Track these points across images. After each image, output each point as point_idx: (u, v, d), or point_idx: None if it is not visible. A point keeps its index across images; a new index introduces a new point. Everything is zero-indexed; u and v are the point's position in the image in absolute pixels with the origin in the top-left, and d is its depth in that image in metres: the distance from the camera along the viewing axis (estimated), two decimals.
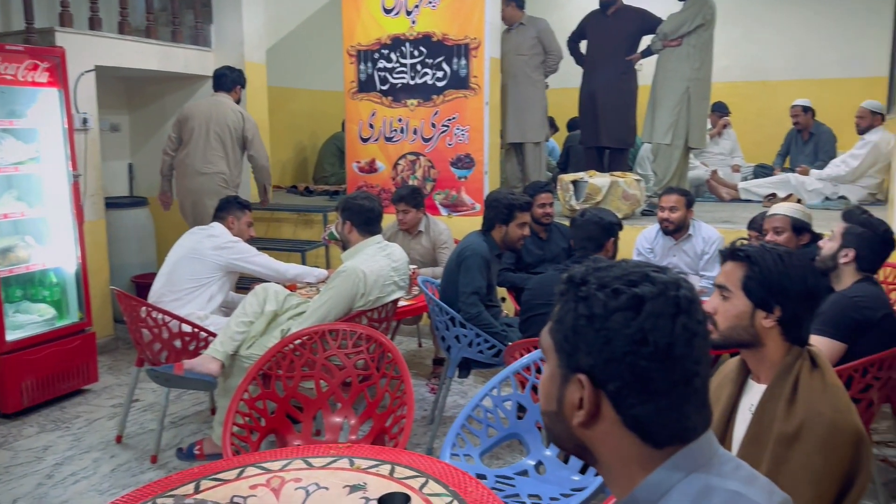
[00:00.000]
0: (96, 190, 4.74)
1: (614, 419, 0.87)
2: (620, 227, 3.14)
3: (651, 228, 4.02)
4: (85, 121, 4.58)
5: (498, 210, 3.34)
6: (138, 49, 5.02)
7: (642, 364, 0.84)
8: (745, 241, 1.69)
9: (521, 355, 2.52)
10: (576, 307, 0.88)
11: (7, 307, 3.78)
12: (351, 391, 2.53)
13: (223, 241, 3.62)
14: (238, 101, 4.82)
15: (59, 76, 3.95)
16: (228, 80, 4.78)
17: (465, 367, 3.37)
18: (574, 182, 5.00)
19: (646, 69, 5.86)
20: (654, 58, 5.25)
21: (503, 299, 4.26)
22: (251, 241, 3.81)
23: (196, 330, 3.31)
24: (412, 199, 4.20)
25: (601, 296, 0.86)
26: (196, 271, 3.56)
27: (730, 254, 1.63)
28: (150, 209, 5.81)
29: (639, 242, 4.02)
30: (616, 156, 5.70)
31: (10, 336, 3.72)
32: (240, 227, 3.74)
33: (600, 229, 2.97)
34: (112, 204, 5.28)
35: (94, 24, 4.78)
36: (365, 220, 3.22)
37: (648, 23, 5.41)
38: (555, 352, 0.91)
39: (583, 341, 0.87)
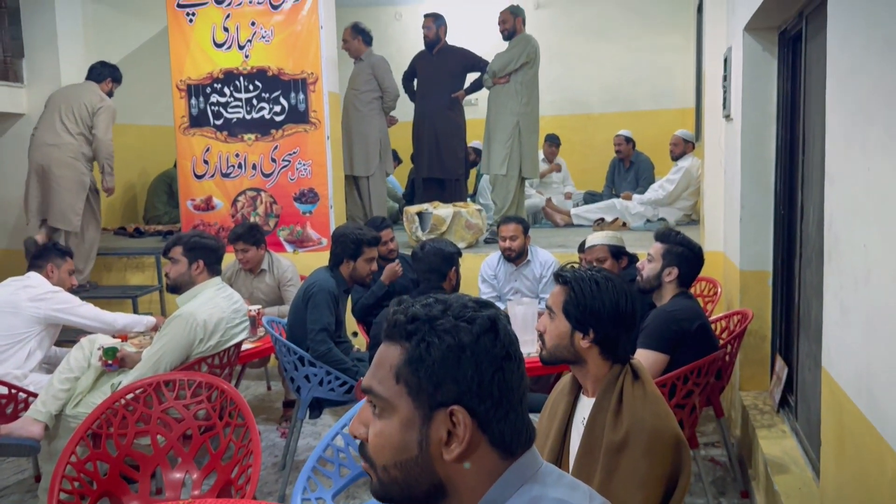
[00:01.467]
0: None
1: (481, 440, 0.90)
2: (460, 254, 3.23)
3: (493, 256, 4.18)
4: None
5: (345, 245, 3.32)
6: None
7: (507, 378, 0.90)
8: (576, 265, 1.80)
9: None
10: (440, 341, 0.89)
11: None
12: (192, 444, 2.39)
13: (41, 292, 3.33)
14: (110, 94, 4.91)
15: None
16: (97, 71, 4.95)
17: (317, 406, 3.30)
18: (419, 213, 5.09)
19: (481, 104, 6.13)
20: (487, 93, 5.51)
21: (354, 334, 4.22)
22: (74, 289, 3.53)
23: (14, 391, 2.99)
24: (250, 236, 4.07)
25: (464, 325, 0.90)
26: (12, 326, 3.24)
27: (556, 277, 1.73)
28: None
29: (483, 270, 4.16)
30: (452, 186, 5.91)
31: None
32: (60, 275, 3.46)
33: (441, 260, 3.04)
34: None
35: None
36: (216, 259, 3.10)
37: (471, 61, 5.78)
38: (406, 395, 0.90)
39: (451, 373, 0.88)
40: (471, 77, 5.87)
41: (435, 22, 5.78)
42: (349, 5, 7.77)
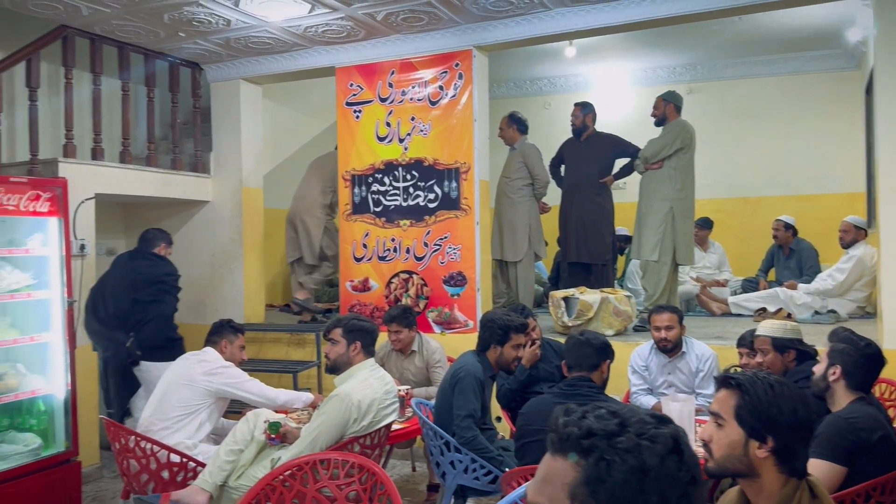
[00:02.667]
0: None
1: None
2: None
3: (645, 346, 4.03)
4: (83, 247, 4.66)
5: (493, 331, 3.35)
6: (138, 177, 5.19)
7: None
8: (739, 368, 1.71)
9: (520, 483, 2.46)
10: (622, 461, 0.82)
11: None
12: None
13: (215, 367, 3.61)
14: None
15: (59, 205, 4.06)
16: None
17: (462, 494, 3.28)
18: (565, 298, 5.05)
19: (631, 188, 6.07)
20: (637, 178, 5.46)
21: (498, 419, 4.20)
22: (242, 363, 3.80)
23: (185, 460, 3.23)
24: (404, 318, 4.22)
25: (646, 443, 0.82)
26: (186, 398, 3.53)
27: (723, 381, 1.64)
28: None
29: (633, 360, 4.02)
30: (599, 271, 5.83)
31: None
32: (232, 350, 3.74)
33: (596, 351, 2.97)
34: None
35: (97, 154, 4.96)
36: (371, 341, 3.24)
37: (620, 147, 5.77)
38: None
39: (633, 498, 0.81)
40: (619, 162, 5.86)
41: (582, 110, 5.87)
42: (501, 97, 8.11)
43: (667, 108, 5.18)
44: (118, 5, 4.38)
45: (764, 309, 5.49)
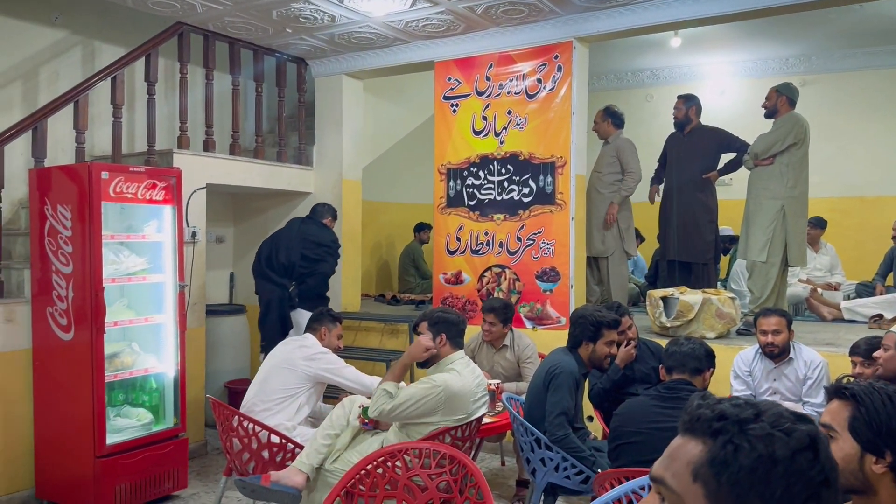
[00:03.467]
0: (199, 299, 5.01)
1: None
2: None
3: (749, 350, 3.86)
4: (194, 234, 4.91)
5: (584, 327, 3.29)
6: (246, 168, 5.41)
7: None
8: (851, 378, 1.61)
9: (612, 486, 2.41)
10: (750, 447, 0.81)
11: (109, 411, 3.96)
12: None
13: (314, 352, 3.73)
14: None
15: (174, 194, 4.29)
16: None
17: (552, 492, 3.24)
18: (664, 298, 4.90)
19: (738, 184, 5.81)
20: (745, 173, 5.22)
21: (590, 418, 4.13)
22: (339, 350, 3.91)
23: (284, 441, 3.36)
24: (502, 313, 4.20)
25: (780, 435, 0.81)
26: (287, 381, 3.66)
27: (835, 392, 1.55)
28: (248, 316, 6.07)
29: (736, 364, 3.86)
30: (700, 270, 5.61)
31: (111, 440, 3.88)
32: (330, 338, 3.86)
33: (700, 357, 2.86)
34: (212, 311, 5.55)
35: (209, 146, 5.22)
36: (458, 332, 3.24)
37: (726, 141, 5.52)
38: (702, 498, 0.83)
39: (757, 486, 0.80)
40: (725, 158, 5.62)
41: (686, 103, 5.66)
42: (601, 90, 7.95)
43: (779, 101, 4.91)
44: (230, 3, 4.58)
45: (880, 315, 5.13)
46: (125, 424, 4.06)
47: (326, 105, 6.01)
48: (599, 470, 2.98)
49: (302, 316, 4.73)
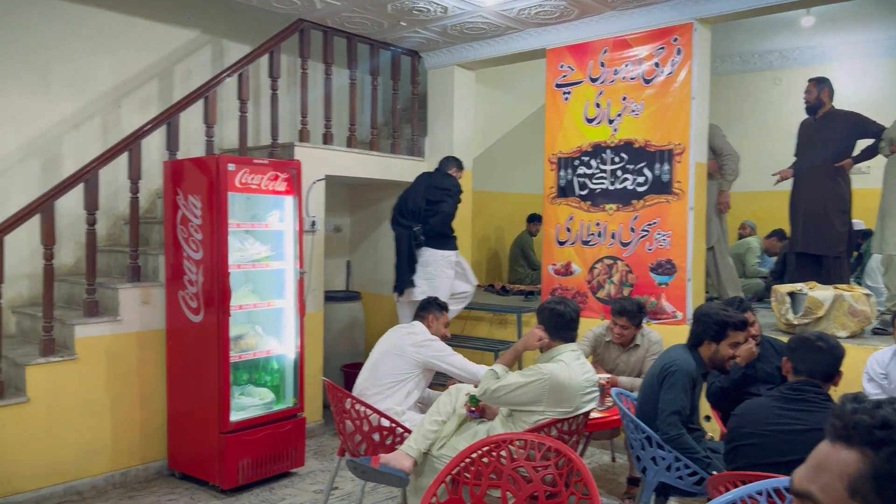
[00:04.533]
0: (318, 285, 5.22)
1: None
2: None
3: (885, 351, 3.57)
4: (313, 223, 5.12)
5: (708, 326, 3.14)
6: (362, 160, 5.57)
7: None
8: None
9: (727, 489, 2.30)
10: None
11: (234, 389, 4.21)
12: None
13: (422, 339, 3.80)
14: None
15: (295, 185, 4.48)
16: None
17: (664, 492, 3.14)
18: (791, 294, 4.61)
19: (876, 172, 5.37)
20: (883, 161, 4.82)
21: (707, 418, 3.96)
22: (446, 339, 3.96)
23: (393, 425, 3.44)
24: (635, 316, 4.05)
25: None
26: (396, 367, 3.75)
27: None
28: (363, 303, 6.26)
29: (870, 366, 3.58)
30: (831, 264, 5.21)
31: (234, 417, 4.12)
32: (438, 326, 3.92)
33: (833, 359, 2.67)
34: (329, 297, 5.77)
35: (327, 139, 5.41)
36: (554, 324, 3.16)
37: (861, 126, 5.09)
38: None
39: None
40: (862, 144, 5.20)
41: (817, 86, 5.27)
42: (724, 73, 7.56)
43: None
44: None
45: None
46: (248, 403, 4.30)
47: (438, 96, 6.07)
48: (714, 472, 2.86)
49: (427, 254, 5.14)
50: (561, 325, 3.14)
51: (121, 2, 5.12)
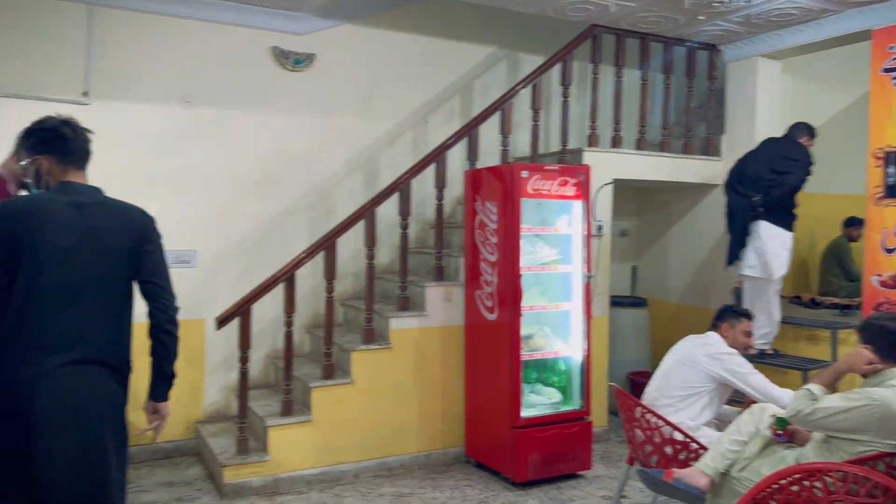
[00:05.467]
0: (604, 289, 5.21)
1: None
2: None
3: None
4: (600, 228, 5.11)
5: None
6: (652, 162, 5.43)
7: None
8: None
9: None
10: None
11: (524, 387, 4.38)
12: None
13: (717, 351, 3.57)
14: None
15: (583, 190, 4.52)
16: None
17: None
18: None
19: None
20: None
21: None
22: (748, 350, 3.67)
23: (687, 440, 3.30)
24: None
25: None
26: (687, 378, 3.58)
27: None
28: (648, 310, 6.10)
29: None
30: None
31: (525, 413, 4.29)
32: (734, 335, 3.64)
33: None
34: (614, 302, 5.71)
35: (616, 142, 5.36)
36: (887, 344, 2.77)
37: None
38: None
39: None
40: None
41: None
42: None
43: None
44: None
45: None
46: (537, 401, 4.45)
47: (739, 91, 5.67)
48: None
49: (763, 228, 4.89)
50: (895, 346, 2.74)
51: (429, 27, 5.64)
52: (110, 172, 4.42)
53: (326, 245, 4.43)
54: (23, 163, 2.42)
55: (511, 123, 5.02)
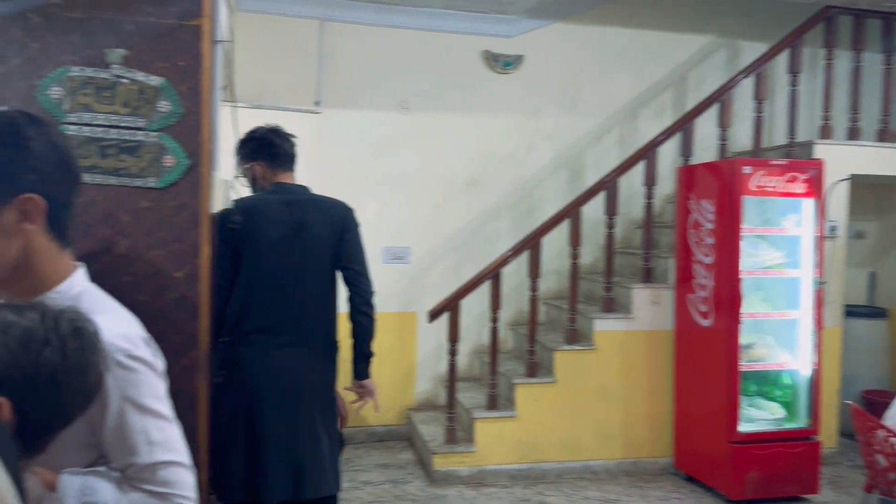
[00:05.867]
0: (836, 297, 4.70)
1: None
2: None
3: None
4: (833, 228, 4.63)
5: None
6: None
7: None
8: None
9: None
10: None
11: (742, 400, 4.08)
12: None
13: None
14: None
15: (815, 187, 4.12)
16: None
17: None
18: None
19: None
20: None
21: None
22: None
23: None
24: None
25: None
26: None
27: None
28: (889, 322, 5.42)
29: None
30: None
31: (742, 427, 4.00)
32: None
33: None
34: (848, 312, 5.14)
35: (853, 134, 4.82)
36: None
37: None
38: None
39: None
40: None
41: None
42: None
43: None
44: None
45: None
46: (757, 416, 4.12)
47: None
48: None
49: None
50: None
51: (638, 19, 5.45)
52: (337, 175, 4.80)
53: (531, 244, 4.45)
54: (240, 169, 2.75)
55: (730, 116, 4.70)
